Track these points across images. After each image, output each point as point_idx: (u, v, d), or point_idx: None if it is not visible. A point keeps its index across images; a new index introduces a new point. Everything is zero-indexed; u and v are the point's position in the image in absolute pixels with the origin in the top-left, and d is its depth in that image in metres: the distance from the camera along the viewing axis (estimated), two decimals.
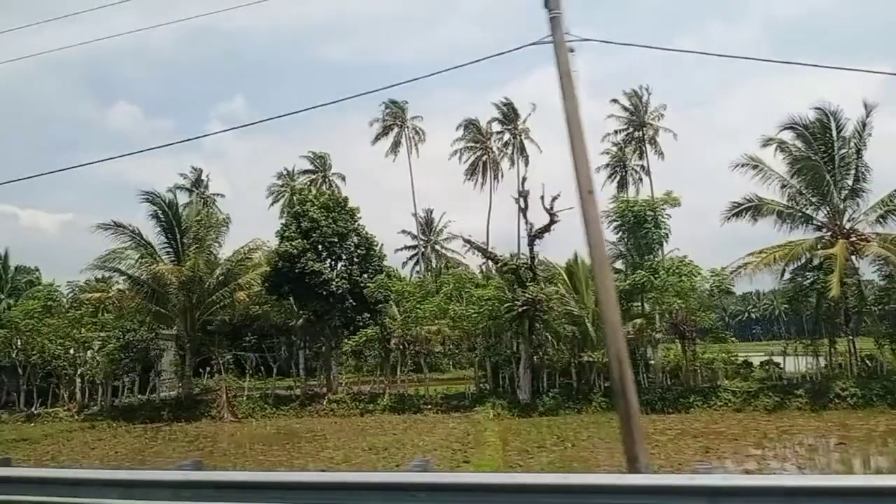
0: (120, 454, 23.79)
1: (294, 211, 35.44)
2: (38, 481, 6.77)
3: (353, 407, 33.13)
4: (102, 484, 6.35)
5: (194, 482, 5.98)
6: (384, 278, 34.28)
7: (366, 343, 33.83)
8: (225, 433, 28.84)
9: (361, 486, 5.71)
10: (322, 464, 19.59)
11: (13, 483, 6.67)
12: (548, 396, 30.89)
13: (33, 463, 21.78)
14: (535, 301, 30.31)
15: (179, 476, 6.07)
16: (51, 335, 35.95)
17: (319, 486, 5.78)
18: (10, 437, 28.40)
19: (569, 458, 19.46)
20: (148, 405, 35.08)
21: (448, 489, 5.65)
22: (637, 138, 56.41)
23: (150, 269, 32.80)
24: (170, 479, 6.11)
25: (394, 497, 5.53)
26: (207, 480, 6.05)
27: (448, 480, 6.09)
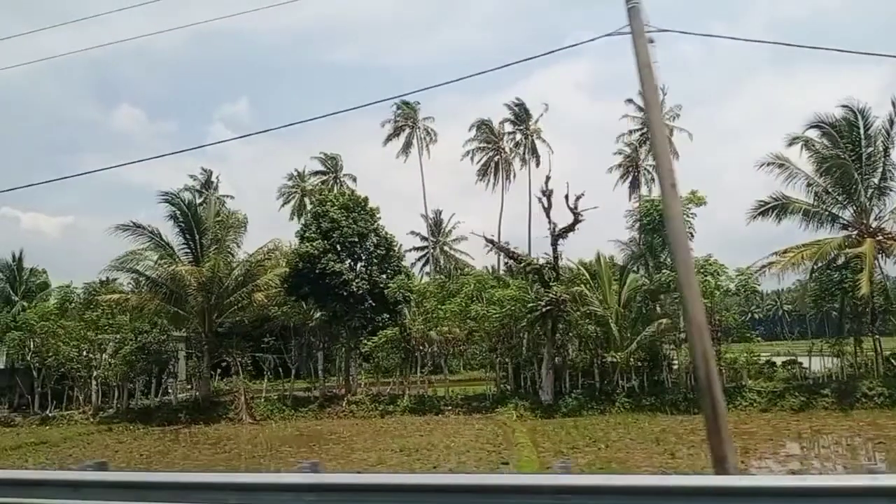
0: (144, 457, 23.48)
1: (314, 211, 35.15)
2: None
3: (372, 408, 32.81)
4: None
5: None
6: (404, 279, 33.95)
7: (385, 344, 33.46)
8: (247, 435, 28.54)
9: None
10: (355, 466, 19.29)
11: None
12: (570, 397, 30.53)
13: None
14: (559, 301, 29.98)
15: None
16: (66, 337, 35.68)
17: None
18: (28, 441, 28.11)
19: (605, 459, 19.11)
20: (164, 408, 34.79)
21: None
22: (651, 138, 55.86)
23: (169, 270, 32.48)
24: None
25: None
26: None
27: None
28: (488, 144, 64.31)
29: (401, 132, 68.51)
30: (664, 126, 8.65)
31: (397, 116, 68.54)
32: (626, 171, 62.91)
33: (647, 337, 30.19)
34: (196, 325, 34.64)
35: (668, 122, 55.88)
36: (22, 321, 36.06)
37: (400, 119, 68.32)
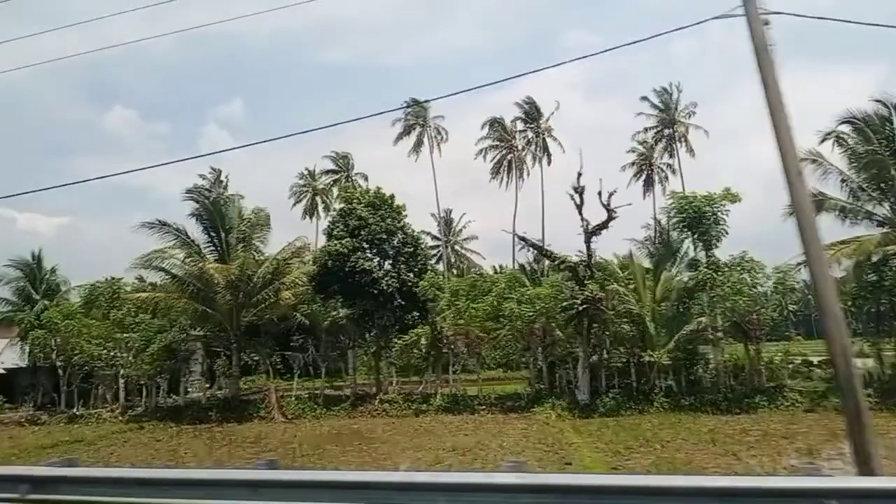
0: (189, 455, 23.14)
1: (341, 209, 34.84)
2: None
3: (405, 407, 32.56)
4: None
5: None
6: (435, 276, 33.71)
7: (416, 342, 33.21)
8: (285, 434, 28.14)
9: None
10: (414, 465, 19.00)
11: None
12: (607, 397, 30.31)
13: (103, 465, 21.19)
14: (596, 299, 29.79)
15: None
16: (89, 335, 35.29)
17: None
18: (63, 439, 27.76)
19: (666, 461, 18.86)
20: (193, 406, 34.47)
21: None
22: (668, 136, 55.88)
23: (198, 268, 32.14)
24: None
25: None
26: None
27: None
28: (501, 143, 64.00)
29: (411, 131, 68.16)
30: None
31: (408, 115, 68.24)
32: (640, 169, 62.82)
33: (686, 335, 30.04)
34: (223, 323, 34.18)
35: (683, 120, 55.88)
36: (46, 319, 35.59)
37: (411, 118, 68.01)
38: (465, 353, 33.48)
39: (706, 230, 30.38)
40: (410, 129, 67.59)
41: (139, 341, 35.20)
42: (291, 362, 36.31)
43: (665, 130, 56.07)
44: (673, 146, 55.99)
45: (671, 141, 55.99)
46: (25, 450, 25.00)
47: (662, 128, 56.11)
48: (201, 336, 35.16)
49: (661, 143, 56.32)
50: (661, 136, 56.47)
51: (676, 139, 55.70)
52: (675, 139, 55.76)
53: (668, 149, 56.35)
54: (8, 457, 23.71)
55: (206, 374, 39.74)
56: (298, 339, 35.90)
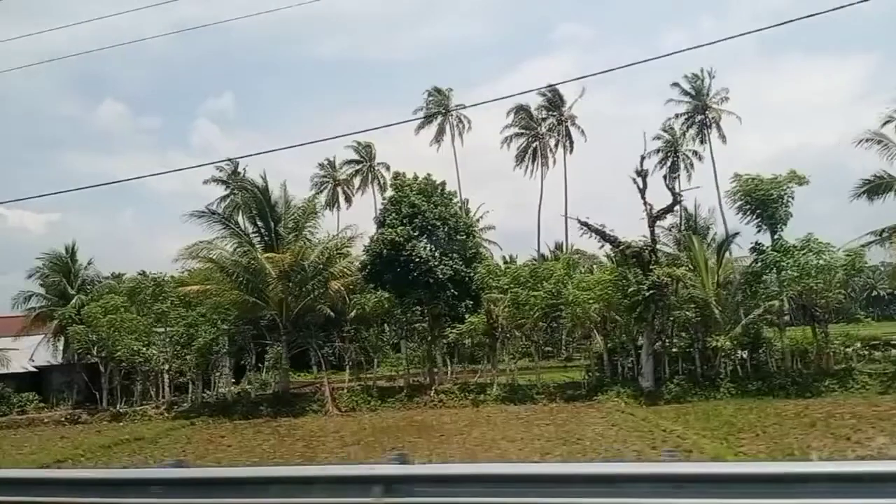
0: (271, 452, 22.35)
1: (391, 197, 33.99)
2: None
3: (461, 397, 31.83)
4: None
5: None
6: (494, 264, 32.97)
7: (472, 331, 32.45)
8: (352, 427, 27.38)
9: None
10: (521, 457, 18.29)
11: None
12: (672, 383, 29.69)
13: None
14: (662, 285, 29.13)
15: None
16: (128, 329, 34.38)
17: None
18: (123, 437, 26.90)
19: (782, 446, 18.18)
20: (243, 401, 33.66)
21: None
22: (700, 122, 55.21)
23: (250, 258, 31.29)
24: None
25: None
26: None
27: None
28: (527, 131, 63.21)
29: (433, 119, 67.30)
30: None
31: (429, 103, 67.43)
32: (666, 156, 62.19)
33: (754, 319, 29.45)
34: (273, 314, 33.35)
35: (716, 106, 55.21)
36: (87, 314, 34.62)
37: (432, 106, 67.17)
38: (521, 341, 32.71)
39: (773, 212, 29.73)
40: (432, 119, 66.70)
41: (184, 336, 34.30)
42: (343, 353, 35.50)
43: (697, 116, 55.30)
44: (704, 132, 55.27)
45: (703, 127, 55.26)
46: (90, 450, 24.12)
47: (695, 113, 55.34)
48: (250, 329, 34.26)
49: (692, 129, 55.51)
50: (693, 121, 55.72)
51: (708, 125, 54.97)
52: (707, 125, 55.03)
53: (699, 135, 55.62)
54: (75, 458, 22.89)
55: (232, 370, 38.42)
56: (350, 330, 35.05)
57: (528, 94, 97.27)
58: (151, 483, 5.76)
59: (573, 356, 40.44)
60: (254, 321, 34.63)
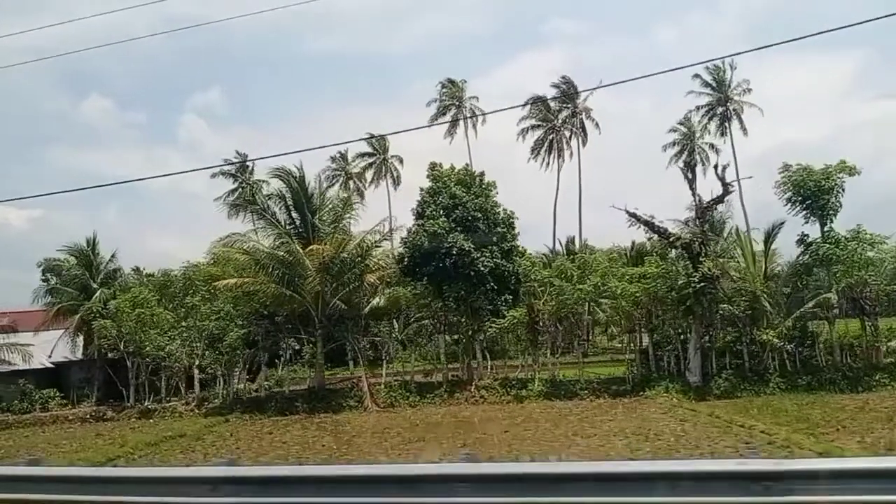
0: (326, 449, 21.60)
1: (429, 188, 33.19)
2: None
3: (503, 393, 31.20)
4: None
5: None
6: (538, 257, 32.31)
7: (513, 326, 31.77)
8: (398, 423, 26.67)
9: None
10: (589, 453, 17.64)
11: None
12: (720, 378, 29.16)
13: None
14: (713, 277, 28.59)
15: None
16: (152, 323, 33.47)
17: None
18: (167, 434, 26.01)
19: (873, 441, 17.66)
20: (276, 397, 32.83)
21: None
22: (721, 114, 54.77)
23: (288, 250, 30.46)
24: None
25: None
26: None
27: None
28: (544, 123, 62.52)
29: (447, 111, 66.45)
30: None
31: (443, 95, 66.59)
32: (682, 149, 61.77)
33: (805, 313, 28.98)
34: (308, 308, 32.50)
35: (738, 98, 54.77)
36: (115, 308, 33.61)
37: (446, 98, 66.33)
38: (564, 335, 32.09)
39: (824, 203, 29.25)
40: (446, 110, 65.87)
41: (214, 330, 33.42)
42: (380, 347, 34.74)
43: (718, 108, 54.85)
44: (726, 125, 54.83)
45: (724, 119, 54.82)
46: (137, 447, 23.22)
47: (716, 105, 54.88)
48: (284, 323, 33.45)
49: (713, 121, 55.06)
50: (714, 113, 55.26)
51: (729, 117, 54.53)
52: (728, 117, 54.58)
53: (720, 127, 55.18)
54: (126, 455, 22.02)
55: (246, 365, 37.31)
56: (384, 324, 34.29)
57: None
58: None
59: (588, 352, 39.65)
60: (269, 316, 33.81)
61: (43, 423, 32.70)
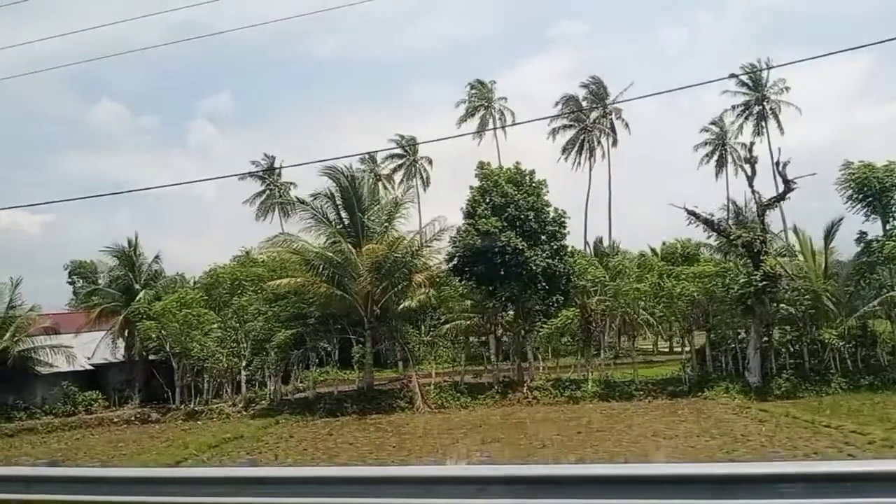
0: (405, 452, 21.15)
1: (479, 186, 32.75)
2: None
3: (556, 394, 30.71)
4: None
5: None
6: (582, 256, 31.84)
7: (567, 326, 31.26)
8: (456, 424, 26.28)
9: None
10: (686, 454, 17.14)
11: None
12: (781, 378, 28.58)
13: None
14: (775, 276, 28.04)
15: None
16: (208, 324, 33.17)
17: None
18: (223, 436, 25.60)
19: None
20: (325, 398, 32.41)
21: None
22: (758, 114, 54.17)
23: (340, 250, 30.13)
24: None
25: None
26: None
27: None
28: (577, 123, 62.02)
29: (475, 112, 66.10)
30: None
31: (471, 96, 66.23)
32: (714, 150, 61.20)
33: (868, 312, 28.41)
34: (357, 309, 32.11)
35: (775, 97, 54.15)
36: (161, 309, 33.27)
37: (475, 99, 65.98)
38: (618, 335, 31.58)
39: (887, 201, 28.66)
40: (474, 111, 65.51)
41: (261, 332, 33.09)
42: (433, 348, 34.33)
43: (755, 107, 54.24)
44: (762, 123, 54.21)
45: (760, 118, 54.20)
46: (200, 449, 22.83)
47: (754, 104, 54.27)
48: (332, 323, 33.08)
49: (750, 120, 54.47)
50: (750, 113, 54.65)
51: (766, 116, 53.90)
52: (765, 116, 53.96)
53: (756, 127, 54.55)
54: (190, 457, 21.63)
55: (294, 366, 36.92)
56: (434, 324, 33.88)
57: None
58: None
59: (635, 353, 39.17)
60: (302, 316, 33.44)
61: (88, 426, 32.33)
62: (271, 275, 34.31)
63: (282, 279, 31.42)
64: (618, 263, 32.94)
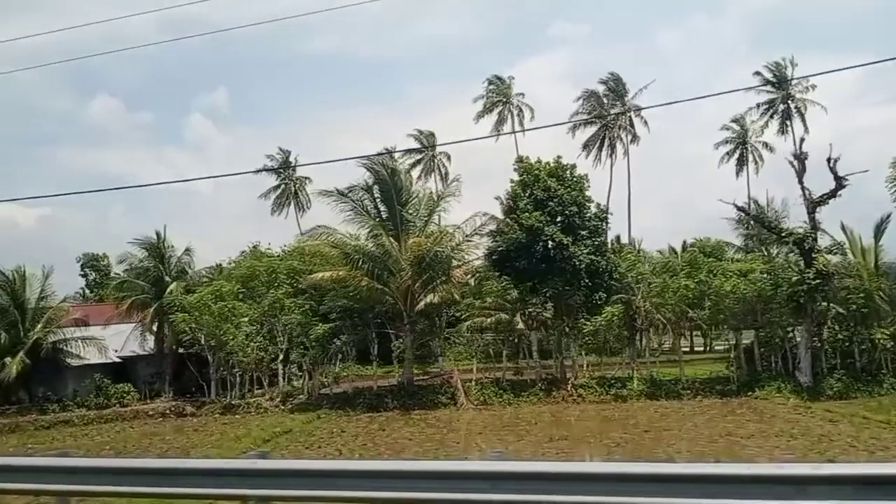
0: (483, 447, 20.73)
1: (521, 180, 32.29)
2: None
3: (601, 392, 30.30)
4: None
5: None
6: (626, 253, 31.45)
7: (611, 323, 30.81)
8: (507, 421, 25.92)
9: None
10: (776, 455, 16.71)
11: None
12: (832, 378, 28.22)
13: None
14: (828, 274, 27.69)
15: None
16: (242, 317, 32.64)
17: None
18: (273, 430, 25.10)
19: None
20: (365, 393, 31.92)
21: None
22: (783, 112, 53.83)
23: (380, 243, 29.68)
24: None
25: None
26: None
27: None
28: (598, 119, 61.49)
29: (493, 108, 65.64)
30: None
31: (489, 92, 65.77)
32: (735, 147, 60.90)
33: None
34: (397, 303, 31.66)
35: (801, 96, 53.80)
36: (196, 302, 32.69)
37: (493, 94, 65.53)
38: (663, 332, 31.19)
39: None
40: (493, 107, 65.06)
41: (297, 326, 32.59)
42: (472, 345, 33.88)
43: (780, 106, 53.91)
44: (787, 122, 53.88)
45: (785, 116, 53.87)
46: (254, 444, 22.21)
47: (778, 102, 53.94)
48: (372, 317, 32.63)
49: (776, 117, 54.11)
50: (775, 111, 54.30)
51: (791, 114, 53.57)
52: (790, 115, 53.62)
53: (781, 125, 54.22)
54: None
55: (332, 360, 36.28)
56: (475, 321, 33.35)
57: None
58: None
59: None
60: (342, 310, 32.95)
61: (124, 419, 31.83)
62: (307, 268, 33.75)
63: (323, 272, 30.83)
64: (667, 260, 32.45)
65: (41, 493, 7.38)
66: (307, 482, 6.09)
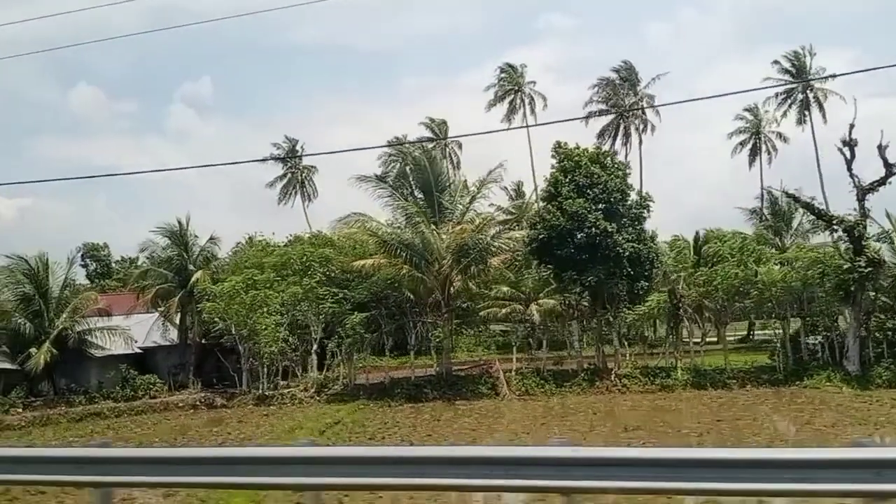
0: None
1: (561, 165, 31.64)
2: None
3: (646, 382, 29.85)
4: None
5: None
6: (682, 241, 30.99)
7: (655, 312, 30.38)
8: (559, 411, 25.40)
9: None
10: None
11: None
12: (881, 367, 28.01)
13: None
14: (879, 262, 27.42)
15: None
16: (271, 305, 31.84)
17: None
18: (325, 421, 24.40)
19: None
20: (402, 383, 31.28)
21: None
22: (801, 101, 53.66)
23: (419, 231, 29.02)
24: None
25: None
26: None
27: None
28: (613, 108, 60.99)
29: (505, 97, 64.98)
30: None
31: (501, 80, 65.09)
32: (749, 138, 60.70)
33: None
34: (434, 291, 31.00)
35: (820, 86, 53.60)
36: (226, 290, 31.79)
37: (505, 83, 64.84)
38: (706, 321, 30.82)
39: None
40: (505, 96, 64.39)
41: (330, 315, 31.85)
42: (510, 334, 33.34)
43: (799, 96, 53.71)
44: (806, 112, 53.73)
45: (804, 106, 53.72)
46: (313, 434, 21.60)
47: (797, 92, 53.71)
48: (409, 306, 31.97)
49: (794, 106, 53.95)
50: (794, 101, 54.11)
51: (809, 104, 53.41)
52: (808, 105, 53.46)
53: (799, 114, 54.07)
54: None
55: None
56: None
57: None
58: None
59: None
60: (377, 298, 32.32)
61: (154, 410, 30.94)
62: (341, 256, 33.02)
63: (364, 259, 30.08)
64: (717, 248, 31.98)
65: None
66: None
